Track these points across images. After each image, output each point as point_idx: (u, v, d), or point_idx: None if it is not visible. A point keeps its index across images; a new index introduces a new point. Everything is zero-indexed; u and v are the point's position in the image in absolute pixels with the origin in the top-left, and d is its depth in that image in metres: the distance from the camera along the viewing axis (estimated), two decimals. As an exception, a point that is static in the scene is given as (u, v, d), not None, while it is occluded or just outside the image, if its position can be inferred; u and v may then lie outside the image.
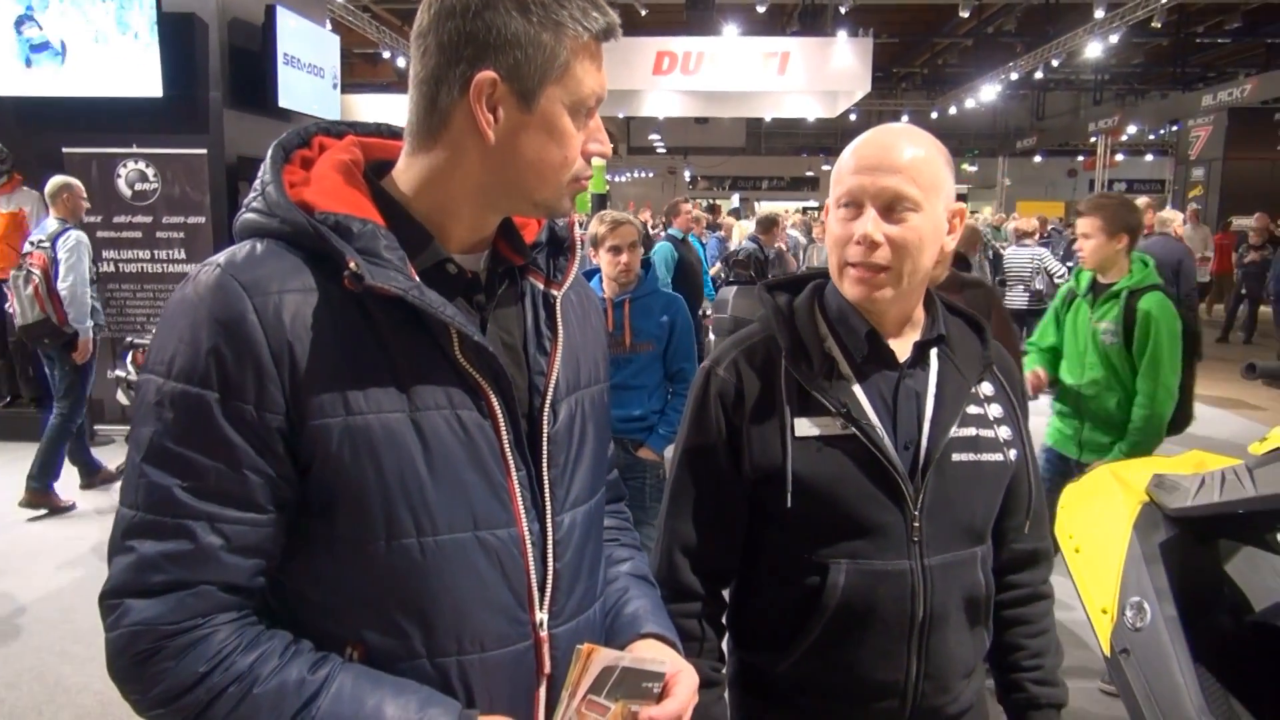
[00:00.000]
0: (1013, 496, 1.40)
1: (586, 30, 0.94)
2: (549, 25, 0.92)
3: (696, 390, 1.40)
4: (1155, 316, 3.03)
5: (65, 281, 5.04)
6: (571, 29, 0.93)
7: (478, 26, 0.91)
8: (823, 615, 1.29)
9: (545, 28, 0.92)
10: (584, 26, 0.94)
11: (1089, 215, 3.14)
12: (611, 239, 3.25)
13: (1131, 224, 3.11)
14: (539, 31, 0.92)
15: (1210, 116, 17.02)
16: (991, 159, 32.02)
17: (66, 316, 5.05)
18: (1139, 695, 1.82)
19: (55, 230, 5.14)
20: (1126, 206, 3.14)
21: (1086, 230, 3.14)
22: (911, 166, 1.25)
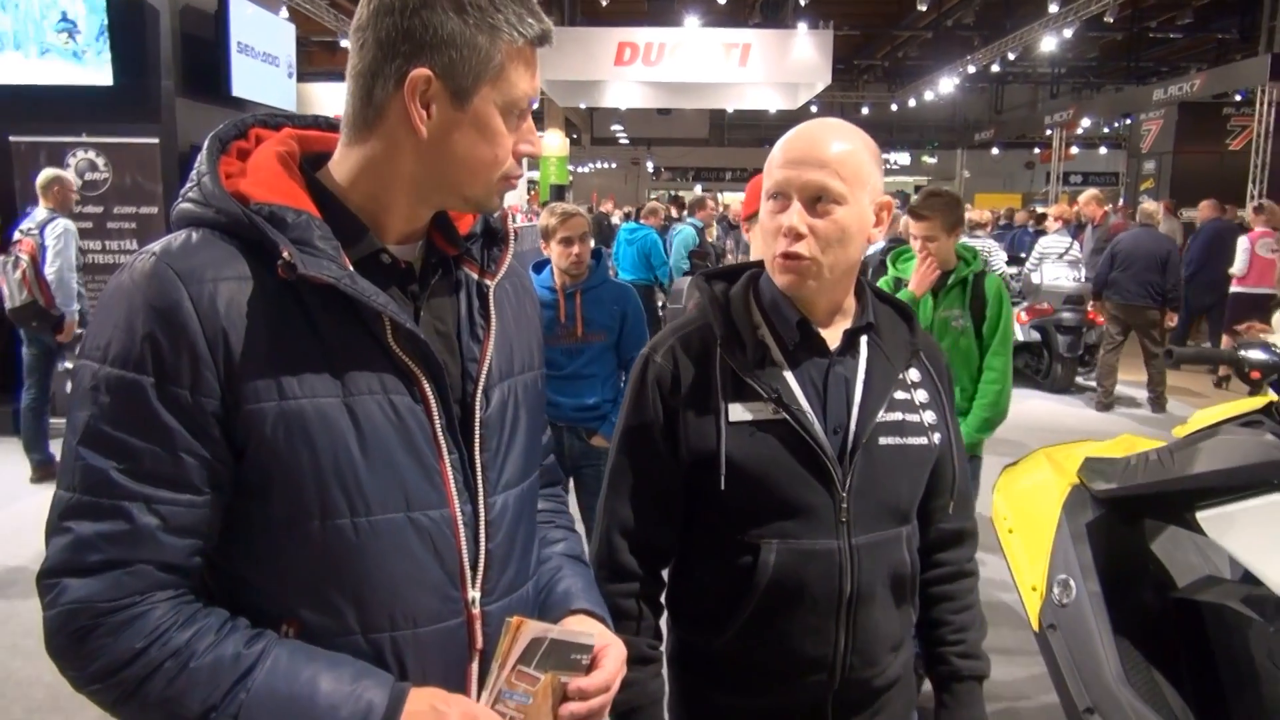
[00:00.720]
0: (937, 478, 1.46)
1: (521, 35, 0.97)
2: (484, 28, 0.95)
3: (635, 376, 1.44)
4: (1002, 297, 3.20)
5: (52, 267, 5.37)
6: (506, 33, 0.96)
7: (415, 24, 0.94)
8: (755, 593, 1.34)
9: (481, 30, 0.95)
10: (519, 31, 0.97)
11: (930, 218, 3.16)
12: (562, 230, 3.28)
13: (960, 218, 3.24)
14: (474, 33, 0.95)
15: (1161, 110, 17.33)
16: (951, 151, 32.40)
17: (54, 300, 5.36)
18: (1063, 667, 1.90)
19: (44, 219, 5.47)
20: (955, 203, 3.25)
21: (930, 233, 3.16)
22: (837, 161, 1.30)
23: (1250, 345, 1.94)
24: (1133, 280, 7.44)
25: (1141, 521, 2.26)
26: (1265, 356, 1.89)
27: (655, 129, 30.80)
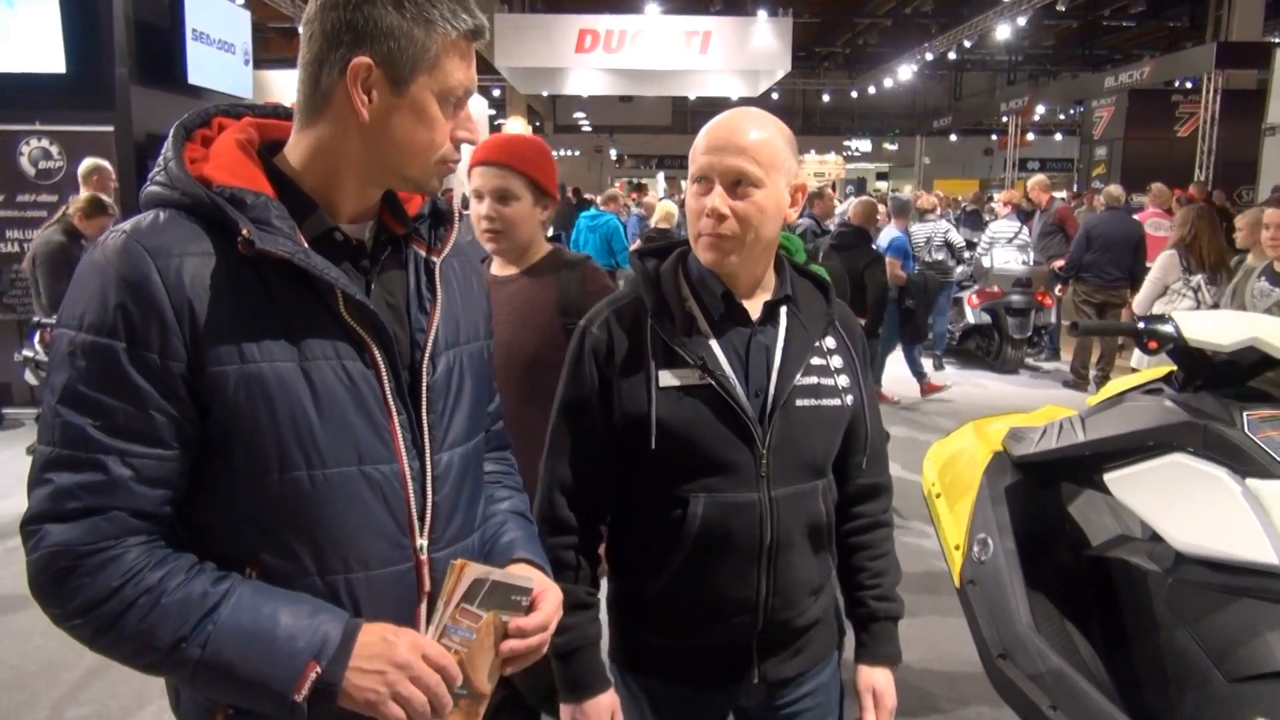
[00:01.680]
0: (852, 436, 1.59)
1: (455, 30, 1.08)
2: (420, 22, 1.05)
3: (573, 347, 1.56)
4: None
5: None
6: (441, 27, 1.07)
7: (357, 17, 1.04)
8: (685, 542, 1.47)
9: (417, 24, 1.05)
10: (453, 26, 1.07)
11: None
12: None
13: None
14: (411, 26, 1.05)
15: (1112, 98, 17.70)
16: (911, 138, 32.73)
17: None
18: (980, 618, 2.04)
19: None
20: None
21: None
22: (753, 147, 1.42)
23: (1150, 319, 2.08)
24: (1110, 263, 7.62)
25: (1058, 485, 2.41)
26: (1163, 328, 2.03)
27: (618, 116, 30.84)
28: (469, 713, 1.11)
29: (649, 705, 1.60)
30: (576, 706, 1.51)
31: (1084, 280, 7.82)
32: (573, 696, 1.51)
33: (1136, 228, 7.85)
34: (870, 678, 1.61)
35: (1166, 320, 2.04)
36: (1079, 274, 7.84)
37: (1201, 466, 1.88)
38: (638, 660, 1.61)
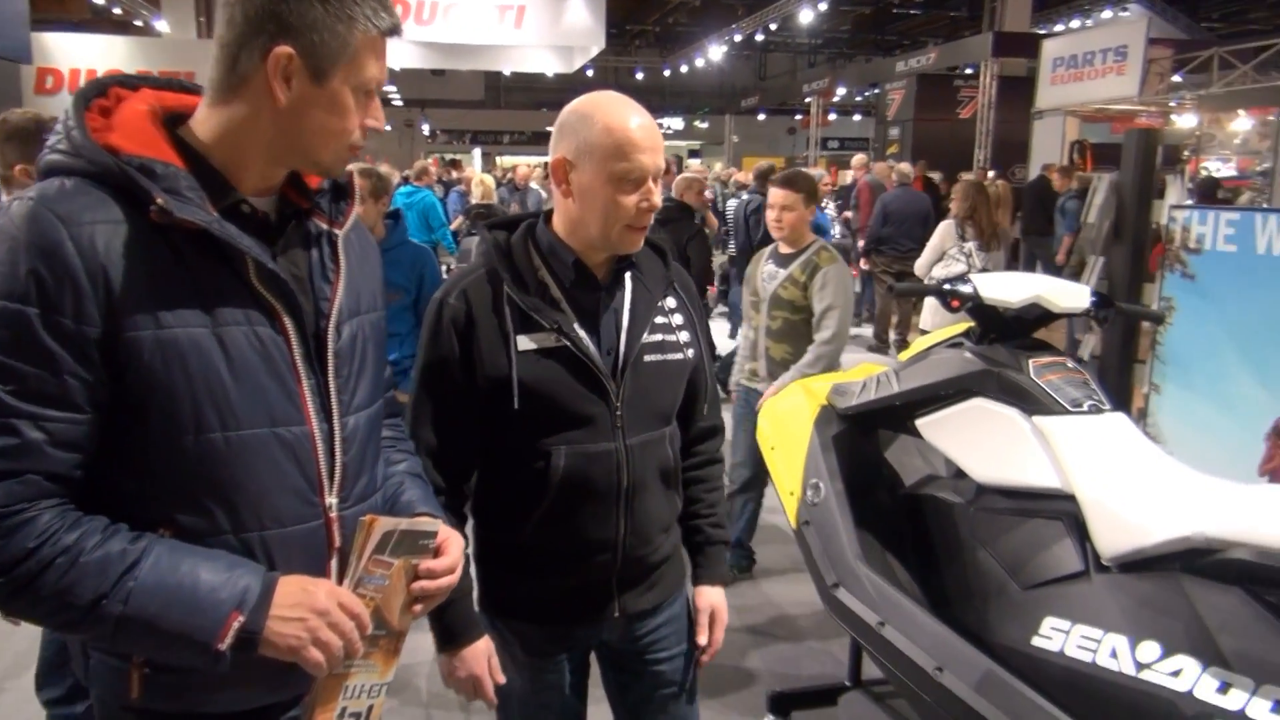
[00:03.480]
0: (693, 386, 1.77)
1: (375, 27, 1.13)
2: (343, 18, 1.11)
3: (431, 319, 1.63)
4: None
5: None
6: (362, 24, 1.12)
7: (282, 8, 1.08)
8: (549, 491, 1.59)
9: (340, 19, 1.10)
10: (373, 24, 1.13)
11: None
12: None
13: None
14: (334, 21, 1.10)
15: (903, 81, 18.94)
16: (720, 116, 33.72)
17: None
18: (815, 555, 2.26)
19: None
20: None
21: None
22: (662, 140, 1.58)
23: (954, 280, 2.36)
24: (904, 235, 8.26)
25: (876, 432, 2.68)
26: (964, 289, 2.31)
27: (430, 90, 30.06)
28: (389, 650, 1.20)
29: (519, 646, 1.72)
30: (454, 655, 1.60)
31: (882, 252, 8.46)
32: (450, 646, 1.60)
33: (925, 202, 8.53)
34: (707, 597, 1.80)
35: (966, 282, 2.32)
36: (878, 246, 8.46)
37: (997, 408, 2.16)
38: (507, 605, 1.72)
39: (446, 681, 1.64)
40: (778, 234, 3.71)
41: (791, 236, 3.70)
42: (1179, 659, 1.57)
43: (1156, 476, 1.88)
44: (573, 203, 1.58)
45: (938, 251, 5.63)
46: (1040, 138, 13.86)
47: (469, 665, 1.60)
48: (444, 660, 1.62)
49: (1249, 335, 2.90)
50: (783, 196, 3.64)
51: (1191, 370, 3.13)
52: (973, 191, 5.62)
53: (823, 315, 3.60)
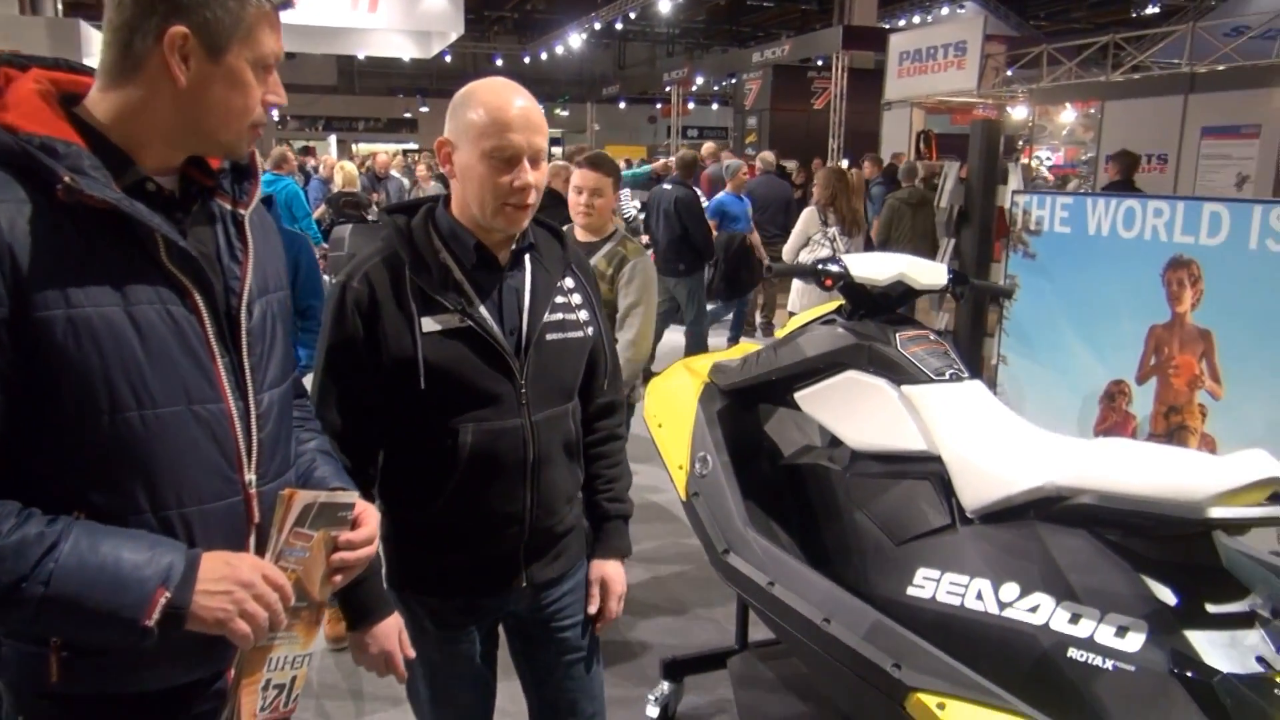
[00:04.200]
0: (593, 363, 1.83)
1: (268, 1, 1.14)
2: None
3: (333, 302, 1.65)
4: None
5: None
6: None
7: None
8: (458, 468, 1.63)
9: None
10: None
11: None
12: None
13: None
14: None
15: (759, 72, 19.46)
16: (581, 104, 33.76)
17: None
18: (705, 524, 2.37)
19: None
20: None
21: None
22: (542, 124, 1.62)
23: (827, 260, 2.51)
24: (768, 221, 8.51)
25: (756, 407, 2.82)
26: (835, 269, 2.46)
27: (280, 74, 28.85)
28: (310, 621, 1.22)
29: (429, 619, 1.76)
30: (366, 633, 1.61)
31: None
32: (362, 624, 1.62)
33: (787, 189, 8.84)
34: (602, 568, 1.87)
35: (838, 262, 2.47)
36: None
37: (868, 379, 2.32)
38: (417, 580, 1.76)
39: (357, 659, 1.65)
40: (584, 220, 3.31)
41: (597, 223, 3.34)
42: (1036, 596, 1.75)
43: (1011, 436, 2.07)
44: (457, 183, 1.64)
45: (803, 237, 5.87)
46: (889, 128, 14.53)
47: (380, 641, 1.62)
48: (355, 638, 1.64)
49: (1083, 309, 3.19)
50: (593, 179, 3.24)
51: (1034, 342, 3.41)
52: (833, 179, 5.88)
53: (627, 312, 3.28)
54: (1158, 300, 2.88)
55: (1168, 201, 2.87)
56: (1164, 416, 2.91)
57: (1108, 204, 3.07)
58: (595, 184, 3.25)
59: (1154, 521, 1.64)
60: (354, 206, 6.53)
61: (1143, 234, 2.93)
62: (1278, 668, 1.49)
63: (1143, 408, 2.98)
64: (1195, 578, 1.63)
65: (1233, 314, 2.68)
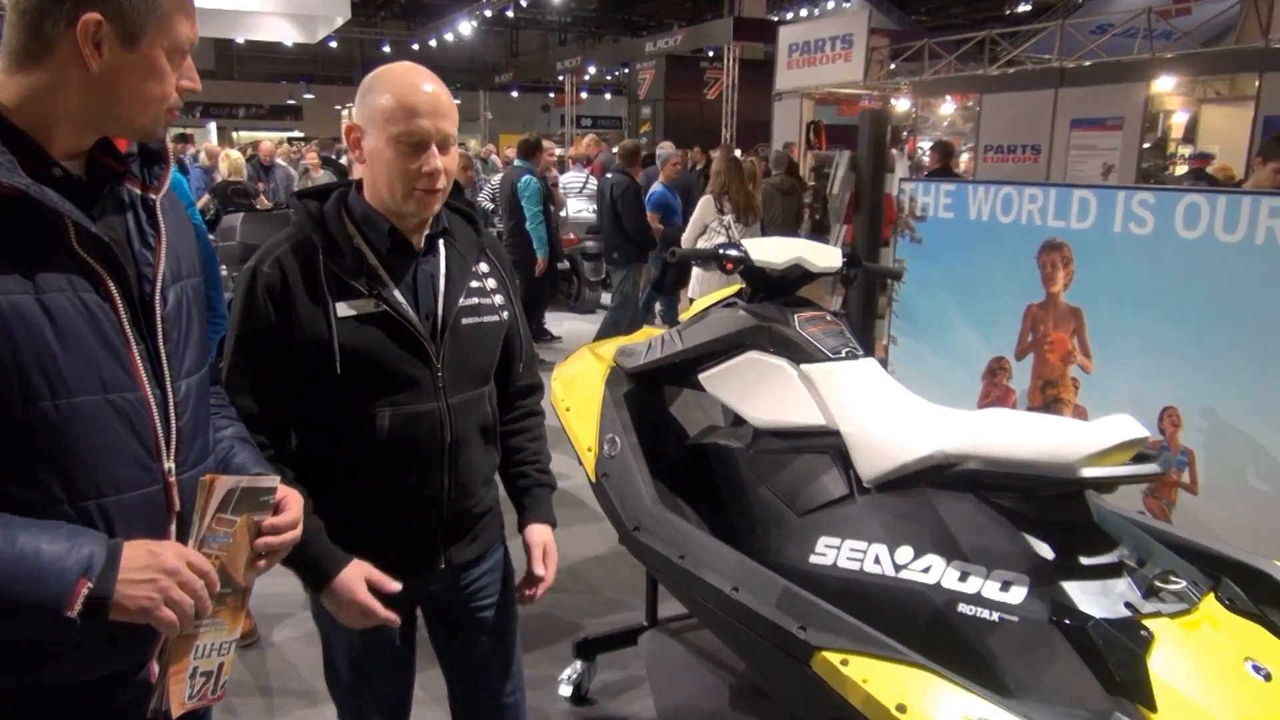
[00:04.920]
0: (510, 346, 1.86)
1: None
2: None
3: (244, 287, 1.63)
4: None
5: None
6: None
7: None
8: (376, 450, 1.64)
9: None
10: None
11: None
12: None
13: None
14: None
15: (652, 61, 19.60)
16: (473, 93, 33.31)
17: None
18: (615, 503, 2.42)
19: None
20: None
21: None
22: (452, 111, 1.63)
23: (727, 246, 2.59)
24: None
25: (662, 389, 2.89)
26: (736, 253, 2.55)
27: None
28: (235, 607, 1.23)
29: None
30: (329, 590, 1.61)
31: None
32: (323, 582, 1.61)
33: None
34: (539, 534, 1.88)
35: (738, 247, 2.55)
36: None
37: (768, 359, 2.41)
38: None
39: (340, 620, 1.65)
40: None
41: None
42: (928, 558, 1.86)
43: (903, 410, 2.19)
44: (367, 169, 1.64)
45: (700, 225, 5.98)
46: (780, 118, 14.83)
47: (348, 593, 1.61)
48: (323, 601, 1.64)
49: (966, 291, 3.38)
50: None
51: (921, 323, 3.59)
52: (728, 167, 6.00)
53: None
54: (1033, 281, 3.07)
55: (1041, 188, 3.06)
56: (1040, 390, 3.11)
57: (988, 190, 3.25)
58: None
59: (1032, 483, 1.78)
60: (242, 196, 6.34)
61: (1019, 219, 3.11)
62: (1143, 611, 1.63)
63: (1021, 382, 3.18)
64: (1070, 533, 1.77)
65: (1100, 293, 2.88)
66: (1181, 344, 2.64)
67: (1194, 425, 2.64)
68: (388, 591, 1.63)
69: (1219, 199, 2.55)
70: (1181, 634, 1.60)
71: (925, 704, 1.52)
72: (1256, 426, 2.50)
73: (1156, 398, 2.72)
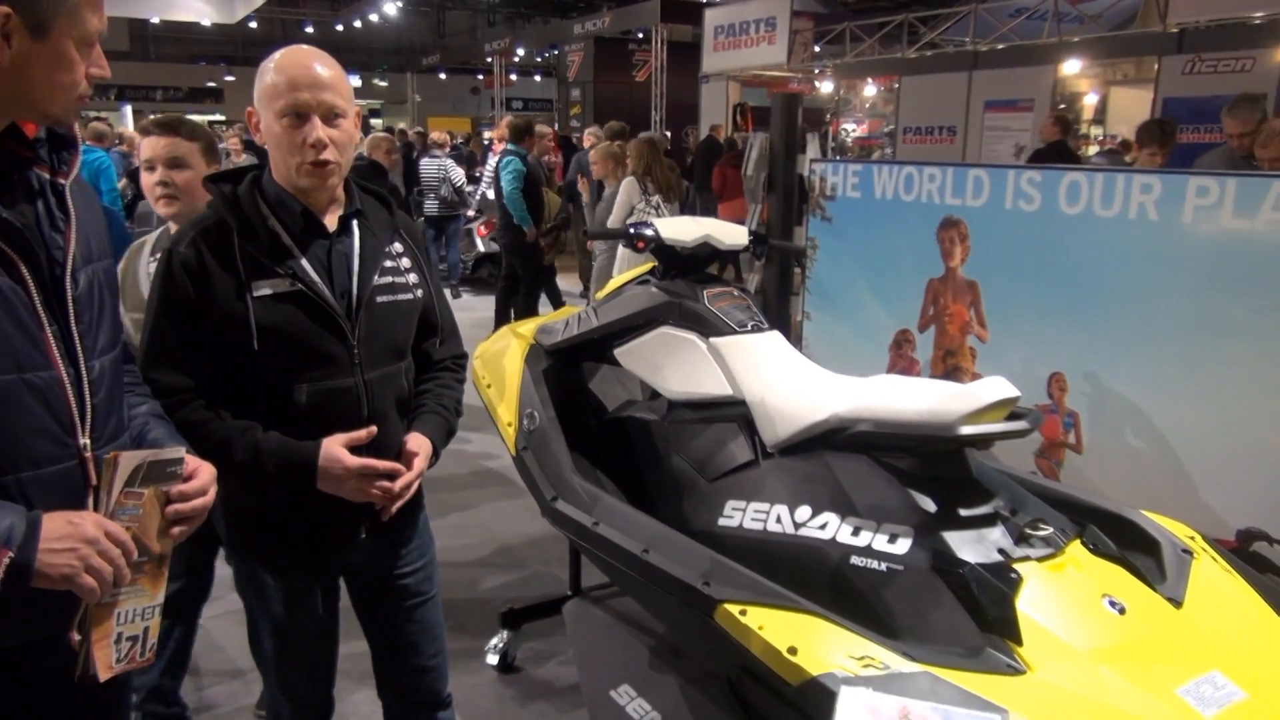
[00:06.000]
0: (425, 323, 1.92)
1: None
2: None
3: (162, 268, 1.68)
4: None
5: None
6: None
7: None
8: (294, 426, 1.70)
9: None
10: None
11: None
12: None
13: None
14: None
15: (581, 43, 19.53)
16: (401, 75, 32.78)
17: None
18: (535, 475, 2.51)
19: None
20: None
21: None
22: (336, 83, 1.68)
23: (639, 224, 2.69)
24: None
25: (581, 365, 2.98)
26: (647, 232, 2.64)
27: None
28: (154, 575, 1.28)
29: (272, 575, 1.83)
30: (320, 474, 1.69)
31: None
32: (309, 472, 1.68)
33: None
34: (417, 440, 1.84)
35: (649, 225, 2.65)
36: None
37: (679, 333, 2.52)
38: (257, 541, 1.83)
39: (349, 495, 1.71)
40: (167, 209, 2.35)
41: (188, 209, 2.30)
42: (825, 515, 1.99)
43: (802, 378, 2.32)
44: (270, 150, 1.70)
45: (627, 207, 6.05)
46: (708, 100, 14.95)
47: (337, 465, 1.68)
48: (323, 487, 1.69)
49: (873, 266, 3.52)
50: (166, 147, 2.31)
51: (833, 299, 3.73)
52: (646, 149, 6.09)
53: None
54: (934, 256, 3.23)
55: (940, 168, 3.21)
56: (942, 360, 3.27)
57: (891, 170, 3.39)
58: (171, 153, 2.32)
59: (916, 442, 1.92)
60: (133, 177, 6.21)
61: (920, 197, 3.26)
62: (1013, 556, 1.78)
63: (924, 353, 3.34)
64: (951, 488, 1.91)
65: (994, 266, 3.05)
66: (1066, 313, 2.82)
67: (1078, 389, 2.82)
68: (362, 441, 1.71)
69: (1098, 177, 2.72)
70: (1047, 575, 1.75)
71: (814, 645, 1.65)
72: (1133, 389, 2.68)
73: (1045, 364, 2.90)
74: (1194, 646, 1.66)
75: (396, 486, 1.75)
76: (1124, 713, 1.49)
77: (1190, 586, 1.82)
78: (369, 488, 1.71)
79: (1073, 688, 1.54)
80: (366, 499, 1.73)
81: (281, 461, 1.67)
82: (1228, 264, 2.42)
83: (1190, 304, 2.51)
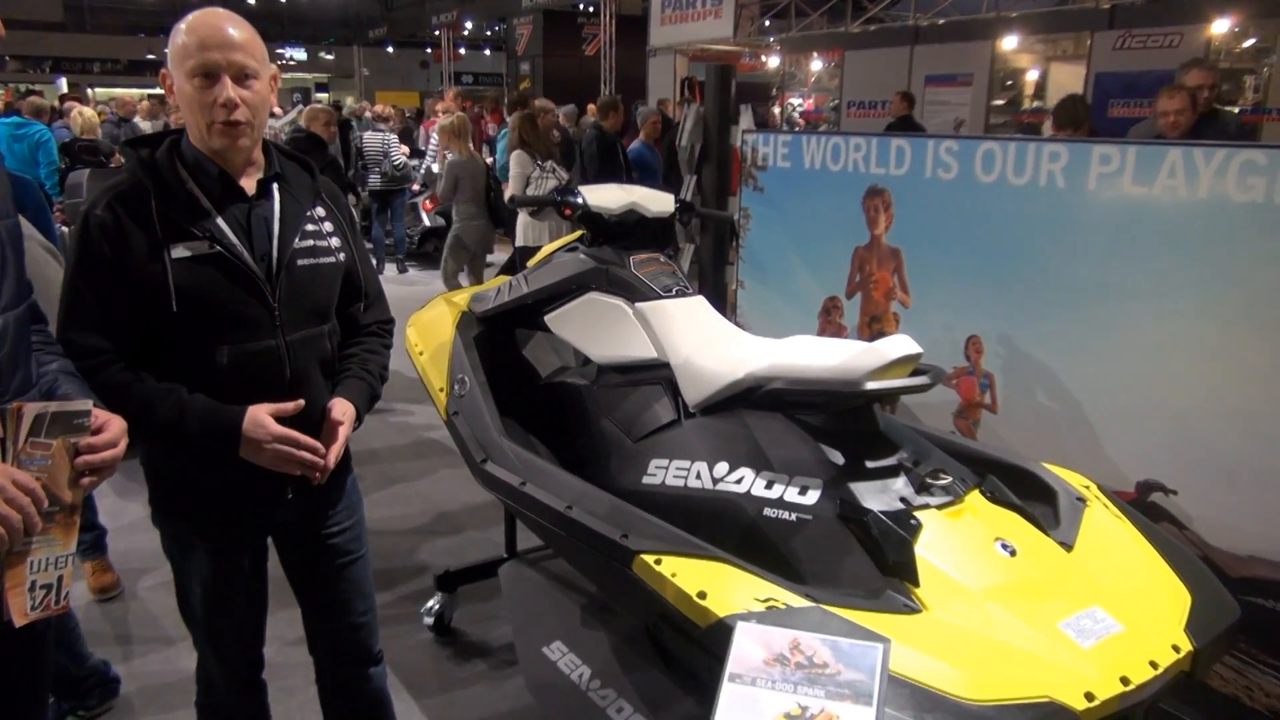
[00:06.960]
0: (349, 286, 1.95)
1: None
2: None
3: (78, 231, 1.69)
4: None
5: None
6: None
7: None
8: (216, 387, 1.72)
9: None
10: None
11: None
12: None
13: None
14: None
15: (529, 17, 19.38)
16: (348, 48, 32.23)
17: None
18: (465, 439, 2.56)
19: None
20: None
21: None
22: (248, 44, 1.69)
23: (565, 191, 2.73)
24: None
25: (514, 332, 3.02)
26: (574, 199, 2.69)
27: (-8, 8, 25.64)
28: (66, 524, 1.32)
29: (198, 536, 1.86)
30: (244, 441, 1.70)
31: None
32: (233, 437, 1.69)
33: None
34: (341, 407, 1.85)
35: (575, 193, 2.70)
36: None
37: (606, 299, 2.58)
38: (182, 503, 1.85)
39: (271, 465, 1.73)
40: None
41: None
42: (741, 470, 2.07)
43: (723, 340, 2.39)
44: (184, 112, 1.71)
45: (523, 178, 6.08)
46: (655, 75, 14.94)
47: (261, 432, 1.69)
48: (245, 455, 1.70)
49: (803, 235, 3.61)
50: None
51: (766, 267, 3.81)
52: (520, 123, 6.18)
53: None
54: (860, 225, 3.32)
55: (865, 138, 3.29)
56: (868, 325, 3.37)
57: (820, 141, 3.47)
58: None
59: (825, 398, 2.00)
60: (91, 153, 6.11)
61: (846, 167, 3.35)
62: (914, 503, 1.87)
63: (851, 319, 3.44)
64: (859, 442, 2.00)
65: (916, 234, 3.14)
66: (982, 278, 2.92)
67: (994, 351, 2.94)
68: (289, 413, 1.72)
69: (1010, 146, 2.82)
70: (944, 521, 1.85)
71: (722, 589, 1.72)
72: (1045, 351, 2.80)
73: (963, 328, 3.00)
74: (1079, 585, 1.76)
75: (331, 461, 1.79)
76: (1007, 645, 1.59)
77: (1081, 531, 1.93)
78: (290, 458, 1.73)
79: (961, 623, 1.64)
80: (286, 470, 1.75)
81: (206, 424, 1.69)
82: (1129, 229, 2.54)
83: (1096, 268, 2.63)
